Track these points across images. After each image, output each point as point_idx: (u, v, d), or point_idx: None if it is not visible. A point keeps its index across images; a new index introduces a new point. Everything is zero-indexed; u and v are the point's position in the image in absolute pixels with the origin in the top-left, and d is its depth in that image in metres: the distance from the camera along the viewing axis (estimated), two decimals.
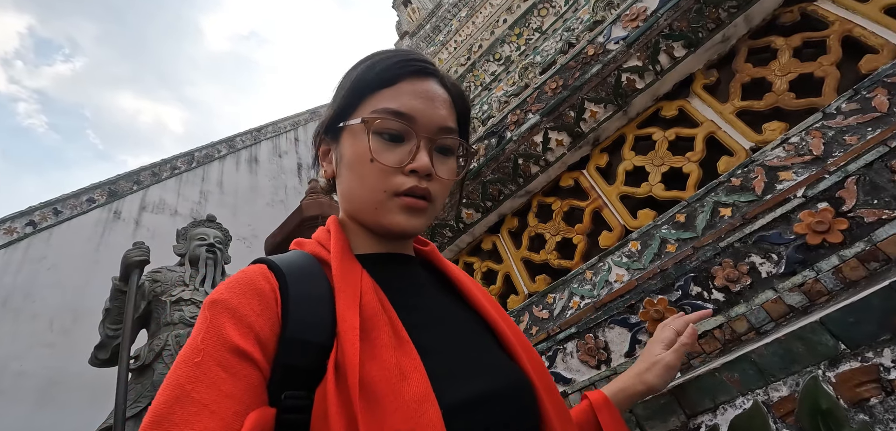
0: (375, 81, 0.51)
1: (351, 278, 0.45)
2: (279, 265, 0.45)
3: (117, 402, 1.44)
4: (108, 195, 3.47)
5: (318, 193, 2.74)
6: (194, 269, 1.92)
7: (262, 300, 0.41)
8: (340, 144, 0.54)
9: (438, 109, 0.52)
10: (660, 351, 0.68)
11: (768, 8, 1.28)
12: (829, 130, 0.99)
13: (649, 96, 1.38)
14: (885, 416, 0.55)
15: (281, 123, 5.32)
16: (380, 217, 0.50)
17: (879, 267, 0.80)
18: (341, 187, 0.55)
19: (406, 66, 0.51)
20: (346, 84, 0.54)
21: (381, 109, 0.50)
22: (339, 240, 0.50)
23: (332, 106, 0.56)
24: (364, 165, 0.50)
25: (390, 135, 0.49)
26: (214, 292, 0.43)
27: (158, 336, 1.67)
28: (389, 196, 0.50)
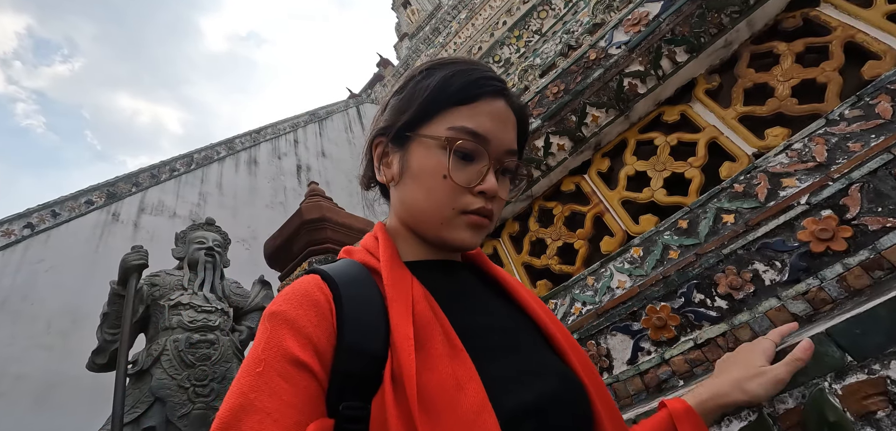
0: (454, 97, 0.51)
1: (402, 285, 0.46)
2: (332, 276, 0.46)
3: (115, 408, 1.43)
4: (107, 197, 3.46)
5: (317, 195, 2.73)
6: (193, 273, 1.91)
7: (318, 311, 0.42)
8: (408, 152, 0.53)
9: (508, 132, 0.53)
10: (763, 362, 0.62)
11: (771, 13, 1.27)
12: (833, 136, 0.99)
13: (651, 101, 1.37)
14: (893, 430, 0.54)
15: (280, 125, 5.31)
16: (444, 232, 0.51)
17: (884, 276, 0.80)
18: (402, 196, 0.54)
19: (485, 85, 0.52)
20: (420, 92, 0.53)
21: (459, 127, 0.50)
22: (389, 248, 0.51)
23: (399, 110, 0.55)
24: (435, 179, 0.50)
25: (464, 154, 0.50)
26: (273, 303, 0.45)
27: (157, 341, 1.66)
28: (457, 214, 0.50)
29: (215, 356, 1.71)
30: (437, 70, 0.54)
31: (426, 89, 0.52)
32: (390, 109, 0.57)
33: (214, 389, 1.64)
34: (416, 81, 0.55)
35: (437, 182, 0.50)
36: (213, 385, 1.64)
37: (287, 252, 2.45)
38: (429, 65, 0.55)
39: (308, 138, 5.71)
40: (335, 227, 2.41)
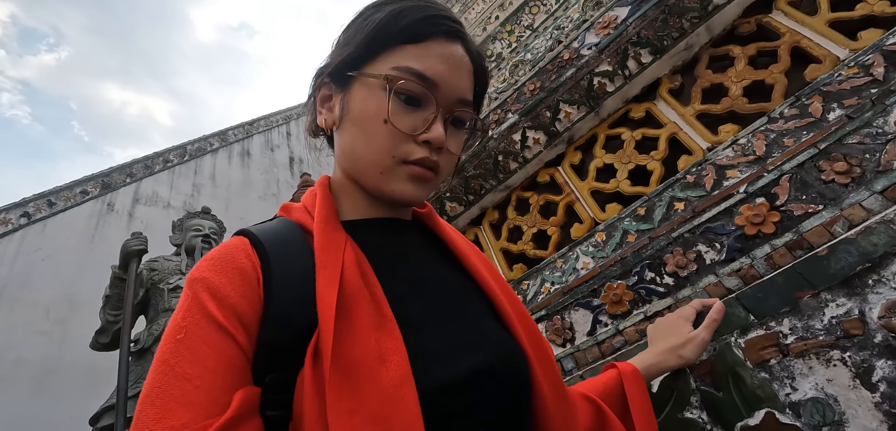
0: (401, 34, 0.47)
1: (333, 251, 0.43)
2: (261, 239, 0.43)
3: (119, 382, 1.53)
4: (102, 187, 3.53)
5: (308, 186, 2.83)
6: (190, 258, 2.01)
7: (244, 277, 0.40)
8: (349, 93, 0.49)
9: (462, 79, 0.49)
10: (689, 328, 0.72)
11: (728, 19, 1.39)
12: (772, 132, 1.11)
13: (619, 99, 1.49)
14: (781, 373, 0.66)
15: (273, 117, 5.38)
16: (383, 183, 0.48)
17: (803, 254, 0.92)
18: (342, 141, 0.51)
19: (438, 24, 0.47)
20: (364, 27, 0.49)
21: (404, 67, 0.45)
22: (325, 206, 0.47)
23: (341, 48, 0.51)
24: (375, 124, 0.46)
25: (408, 97, 0.46)
26: (195, 269, 0.42)
27: (157, 322, 1.76)
28: (397, 162, 0.47)
29: None
30: (388, 4, 0.49)
31: (373, 24, 0.48)
32: (336, 47, 0.52)
33: None
34: (365, 14, 0.50)
35: (378, 127, 0.46)
36: None
37: None
38: (378, 1, 0.51)
39: (301, 131, 5.78)
40: None
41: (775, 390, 0.64)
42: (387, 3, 0.49)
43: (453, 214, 1.72)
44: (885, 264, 0.64)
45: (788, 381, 0.65)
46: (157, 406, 0.33)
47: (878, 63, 1.04)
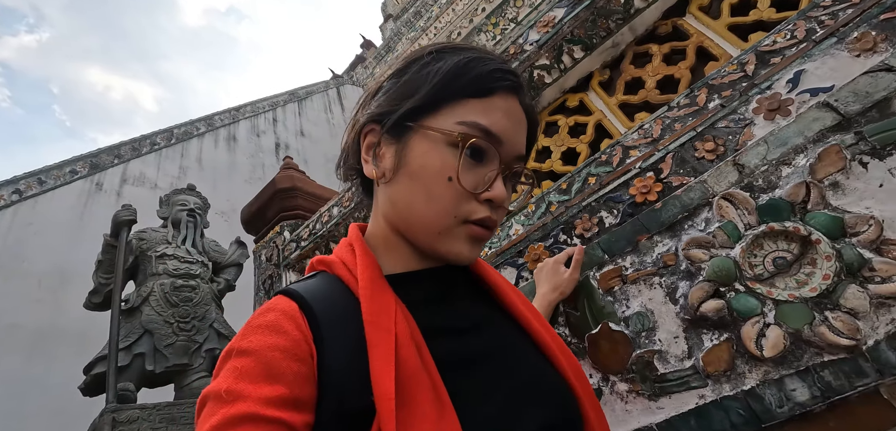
0: (468, 88, 0.46)
1: (385, 322, 0.40)
2: (312, 306, 0.41)
3: (111, 336, 1.73)
4: (91, 168, 3.68)
5: (291, 168, 3.02)
6: (176, 230, 2.20)
7: (299, 356, 0.37)
8: (407, 145, 0.47)
9: (521, 135, 0.49)
10: (564, 269, 0.92)
11: (648, 21, 1.61)
12: (668, 119, 1.33)
13: (557, 89, 1.71)
14: (621, 297, 0.90)
15: (260, 103, 5.53)
16: (440, 243, 0.46)
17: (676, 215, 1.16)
18: (394, 195, 0.48)
19: (503, 78, 0.47)
20: (426, 76, 0.47)
21: (471, 123, 0.44)
22: (368, 266, 0.45)
23: (400, 96, 0.48)
24: (439, 181, 0.44)
25: (475, 153, 0.45)
26: (244, 336, 0.39)
27: (145, 285, 1.96)
28: (458, 223, 0.45)
29: (196, 299, 2.02)
30: (449, 54, 0.48)
31: (436, 74, 0.46)
32: (387, 94, 0.50)
33: (195, 325, 1.96)
34: (423, 62, 0.48)
35: (441, 184, 0.44)
36: (195, 323, 1.96)
37: (261, 218, 2.75)
38: (438, 47, 0.50)
39: (287, 117, 5.95)
40: (305, 196, 2.71)
41: (615, 308, 0.87)
42: (447, 51, 0.48)
43: None
44: (697, 213, 0.88)
45: (624, 301, 0.88)
46: None
47: (751, 62, 1.27)
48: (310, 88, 6.92)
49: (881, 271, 0.64)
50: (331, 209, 2.20)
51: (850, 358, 0.63)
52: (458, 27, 7.62)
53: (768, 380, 0.66)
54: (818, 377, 0.64)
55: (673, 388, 0.74)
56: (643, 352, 0.79)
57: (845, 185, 0.73)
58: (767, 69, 1.17)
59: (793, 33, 1.18)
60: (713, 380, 0.70)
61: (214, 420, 0.32)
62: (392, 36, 9.25)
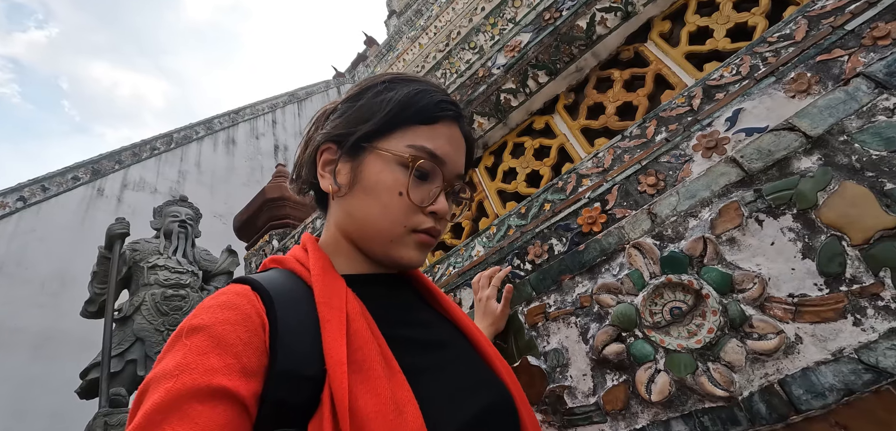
0: (417, 116, 0.53)
1: (336, 302, 0.44)
2: (266, 288, 0.43)
3: (105, 344, 1.85)
4: (92, 174, 3.82)
5: (282, 177, 3.12)
6: (168, 241, 2.32)
7: (249, 327, 0.39)
8: (362, 163, 0.53)
9: (461, 157, 0.57)
10: (496, 306, 0.98)
11: (611, 46, 1.66)
12: (619, 149, 1.39)
13: (524, 111, 1.77)
14: (543, 332, 0.97)
15: (259, 106, 5.63)
16: (393, 250, 0.52)
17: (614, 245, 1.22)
18: (350, 208, 0.54)
19: (446, 109, 0.55)
20: (382, 104, 0.53)
21: (419, 146, 0.52)
22: (320, 259, 0.50)
23: (357, 119, 0.54)
24: (391, 195, 0.51)
25: (421, 173, 0.52)
26: (194, 315, 0.39)
27: (137, 294, 2.07)
28: (408, 232, 0.52)
29: (186, 307, 2.14)
30: (400, 85, 0.54)
31: (389, 102, 0.53)
32: (343, 116, 0.56)
33: None
34: (377, 90, 0.55)
35: (393, 198, 0.51)
36: None
37: (252, 226, 2.85)
38: (389, 78, 0.56)
39: (286, 119, 6.04)
40: (294, 205, 2.80)
41: (537, 343, 0.94)
42: (399, 82, 0.55)
43: None
44: (613, 257, 0.94)
45: (546, 336, 0.95)
46: None
47: (697, 96, 1.31)
48: (310, 88, 7.01)
49: (759, 328, 0.71)
50: (314, 221, 2.28)
51: (727, 407, 0.70)
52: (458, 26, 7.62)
53: (657, 421, 0.73)
54: (699, 422, 0.71)
55: (579, 421, 0.81)
56: (556, 387, 0.86)
57: (741, 241, 0.79)
58: (711, 105, 1.22)
59: (738, 69, 1.22)
60: (611, 417, 0.77)
61: (157, 397, 0.32)
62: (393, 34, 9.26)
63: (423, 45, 8.27)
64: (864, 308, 0.67)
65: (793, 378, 0.68)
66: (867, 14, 0.95)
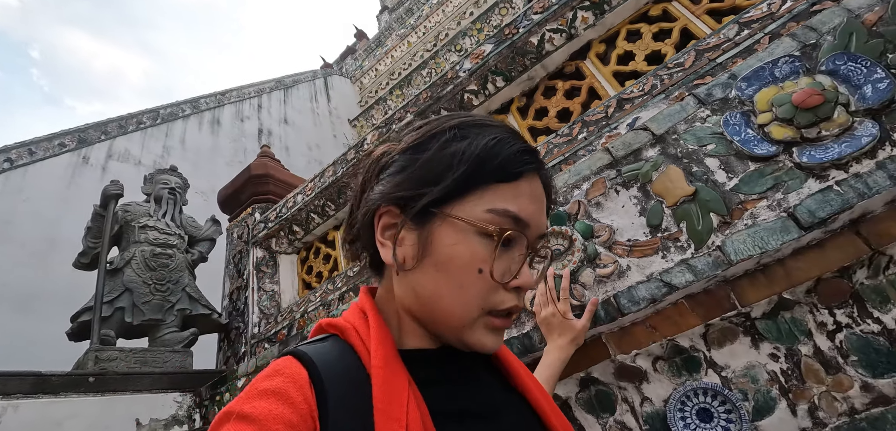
0: (497, 172, 0.44)
1: (396, 411, 0.39)
2: (321, 375, 0.40)
3: (97, 290, 2.10)
4: (78, 142, 4.00)
5: (267, 156, 3.39)
6: (158, 205, 2.57)
7: (301, 421, 0.36)
8: (432, 233, 0.45)
9: (544, 215, 0.48)
10: (574, 320, 0.97)
11: (558, 61, 2.01)
12: (552, 144, 1.74)
13: (484, 111, 2.11)
14: None
15: (245, 89, 5.86)
16: (466, 335, 0.45)
17: None
18: (417, 285, 0.46)
19: (529, 160, 0.46)
20: (453, 159, 0.45)
21: (501, 211, 0.43)
22: (382, 343, 0.44)
23: (423, 180, 0.45)
24: (468, 273, 0.43)
25: (507, 243, 0.44)
26: (247, 398, 0.37)
27: (128, 250, 2.33)
28: (484, 314, 0.44)
29: (172, 265, 2.40)
30: (473, 132, 0.46)
31: (462, 158, 0.44)
32: (405, 173, 0.47)
33: (170, 288, 2.34)
34: (445, 140, 0.46)
35: (472, 276, 0.43)
36: (169, 285, 2.34)
37: (236, 200, 3.12)
38: (459, 122, 0.48)
39: (272, 104, 6.28)
40: (277, 182, 3.08)
41: None
42: (468, 127, 0.47)
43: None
44: None
45: None
46: None
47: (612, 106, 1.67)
48: (297, 76, 7.25)
49: (604, 260, 1.05)
50: (295, 197, 2.58)
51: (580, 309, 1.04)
52: (447, 28, 7.98)
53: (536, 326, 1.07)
54: None
55: None
56: None
57: (604, 204, 1.14)
58: (620, 113, 1.58)
59: (643, 87, 1.58)
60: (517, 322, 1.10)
61: None
62: (383, 30, 9.58)
63: (412, 43, 8.63)
64: (669, 247, 1.03)
65: (621, 293, 1.03)
66: (731, 53, 1.30)
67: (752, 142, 0.98)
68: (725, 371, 0.99)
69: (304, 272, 2.60)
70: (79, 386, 1.81)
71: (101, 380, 1.87)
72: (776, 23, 1.22)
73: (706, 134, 1.08)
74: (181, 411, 2.07)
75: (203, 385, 2.22)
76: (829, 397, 0.93)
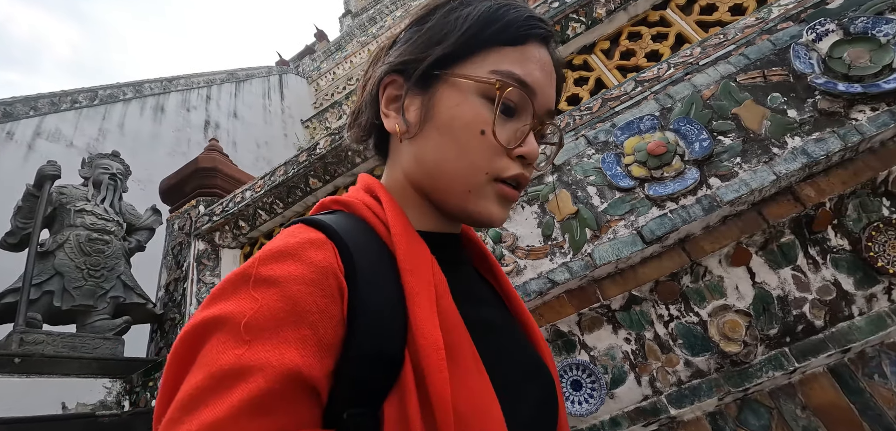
0: (501, 34, 0.44)
1: (423, 272, 0.39)
2: (345, 240, 0.38)
3: (26, 272, 2.10)
4: (3, 115, 3.76)
5: (215, 150, 3.43)
6: (97, 190, 2.57)
7: (327, 291, 0.34)
8: (435, 95, 0.44)
9: (552, 89, 0.47)
10: None
11: (564, 54, 2.27)
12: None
13: None
14: None
15: (194, 78, 5.73)
16: (470, 202, 0.44)
17: None
18: (420, 151, 0.45)
19: (536, 26, 0.45)
20: (454, 22, 0.44)
21: (506, 72, 0.42)
22: (400, 215, 0.43)
23: (426, 43, 0.45)
24: (470, 134, 0.42)
25: (507, 106, 0.43)
26: (264, 259, 0.35)
27: (61, 233, 2.32)
28: (489, 180, 0.43)
29: (108, 252, 2.41)
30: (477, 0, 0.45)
31: (465, 19, 0.44)
32: (409, 43, 0.47)
33: (104, 274, 2.35)
34: (450, 7, 0.46)
35: (473, 138, 0.42)
36: (104, 272, 2.35)
37: (179, 191, 3.14)
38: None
39: (222, 97, 6.17)
40: (225, 177, 3.15)
41: None
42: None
43: (315, 187, 2.50)
44: None
45: None
46: None
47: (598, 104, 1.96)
48: (251, 71, 7.17)
49: (507, 260, 1.34)
50: (244, 192, 2.69)
51: None
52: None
53: None
54: None
55: None
56: None
57: (512, 217, 1.43)
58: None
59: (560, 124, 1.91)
60: None
61: (225, 361, 0.29)
62: (345, 34, 9.69)
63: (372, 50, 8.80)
64: (555, 253, 1.33)
65: (518, 286, 1.31)
66: (626, 103, 1.63)
67: (619, 177, 1.31)
68: (593, 351, 1.30)
69: None
70: (3, 367, 1.81)
71: (27, 362, 1.88)
72: (659, 85, 1.59)
73: (590, 167, 1.41)
74: (110, 397, 2.10)
75: (134, 372, 2.25)
76: (664, 371, 1.26)
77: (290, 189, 2.54)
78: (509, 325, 0.50)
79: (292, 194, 2.56)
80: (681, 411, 1.23)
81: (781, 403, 1.22)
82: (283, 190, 2.55)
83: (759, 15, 1.60)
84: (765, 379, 1.20)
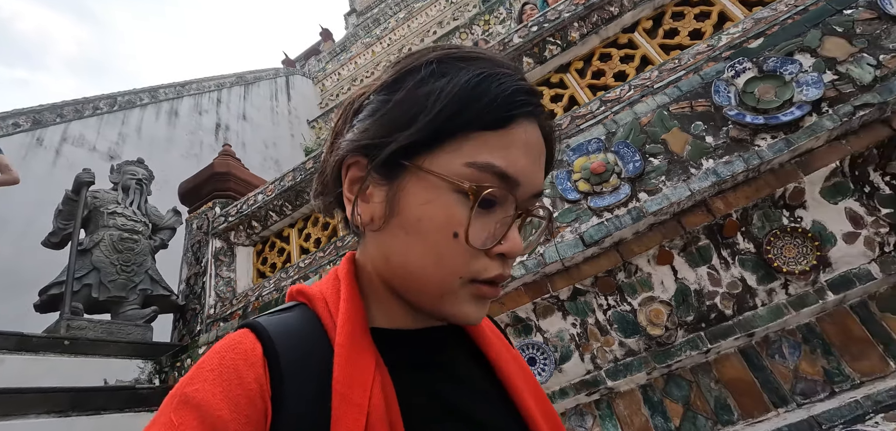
0: (481, 117, 0.37)
1: (357, 395, 0.36)
2: (278, 349, 0.37)
3: (69, 266, 2.45)
4: (33, 123, 4.12)
5: (228, 155, 3.77)
6: (126, 194, 2.92)
7: (251, 416, 0.33)
8: (401, 188, 0.39)
9: (540, 170, 0.42)
10: None
11: (544, 72, 2.55)
12: None
13: None
14: None
15: (205, 82, 6.08)
16: (444, 306, 0.40)
17: None
18: (386, 248, 0.41)
19: (524, 103, 0.39)
20: (428, 99, 0.38)
21: (483, 165, 0.37)
22: (350, 319, 0.40)
23: (392, 123, 0.39)
24: (442, 237, 0.37)
25: (486, 202, 0.37)
26: (191, 380, 0.35)
27: (97, 233, 2.68)
28: (465, 282, 0.39)
29: (137, 249, 2.77)
30: (454, 68, 0.39)
31: (437, 97, 0.37)
32: (375, 117, 0.40)
33: (134, 269, 2.71)
34: (421, 78, 0.39)
35: (445, 241, 0.37)
36: (134, 267, 2.71)
37: (197, 194, 3.48)
38: (439, 56, 0.40)
39: (231, 100, 6.52)
40: (238, 181, 3.49)
41: None
42: (451, 62, 0.40)
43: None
44: None
45: None
46: None
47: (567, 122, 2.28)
48: (258, 73, 7.52)
49: None
50: (256, 195, 3.02)
51: None
52: (411, 43, 8.54)
53: None
54: None
55: None
56: None
57: None
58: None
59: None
60: None
61: None
62: (350, 35, 9.99)
63: (377, 53, 9.14)
64: None
65: None
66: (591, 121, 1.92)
67: (568, 190, 1.61)
68: (545, 334, 1.60)
69: (260, 263, 3.04)
70: (55, 348, 2.16)
71: (75, 344, 2.23)
72: (619, 105, 1.88)
73: (546, 182, 1.70)
74: (143, 375, 2.45)
75: (162, 354, 2.60)
76: (603, 350, 1.56)
77: (299, 193, 2.86)
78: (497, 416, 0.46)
79: (300, 198, 2.88)
80: (617, 383, 1.53)
81: (699, 377, 1.52)
82: (291, 194, 2.87)
83: (710, 41, 1.88)
84: (683, 357, 1.49)
